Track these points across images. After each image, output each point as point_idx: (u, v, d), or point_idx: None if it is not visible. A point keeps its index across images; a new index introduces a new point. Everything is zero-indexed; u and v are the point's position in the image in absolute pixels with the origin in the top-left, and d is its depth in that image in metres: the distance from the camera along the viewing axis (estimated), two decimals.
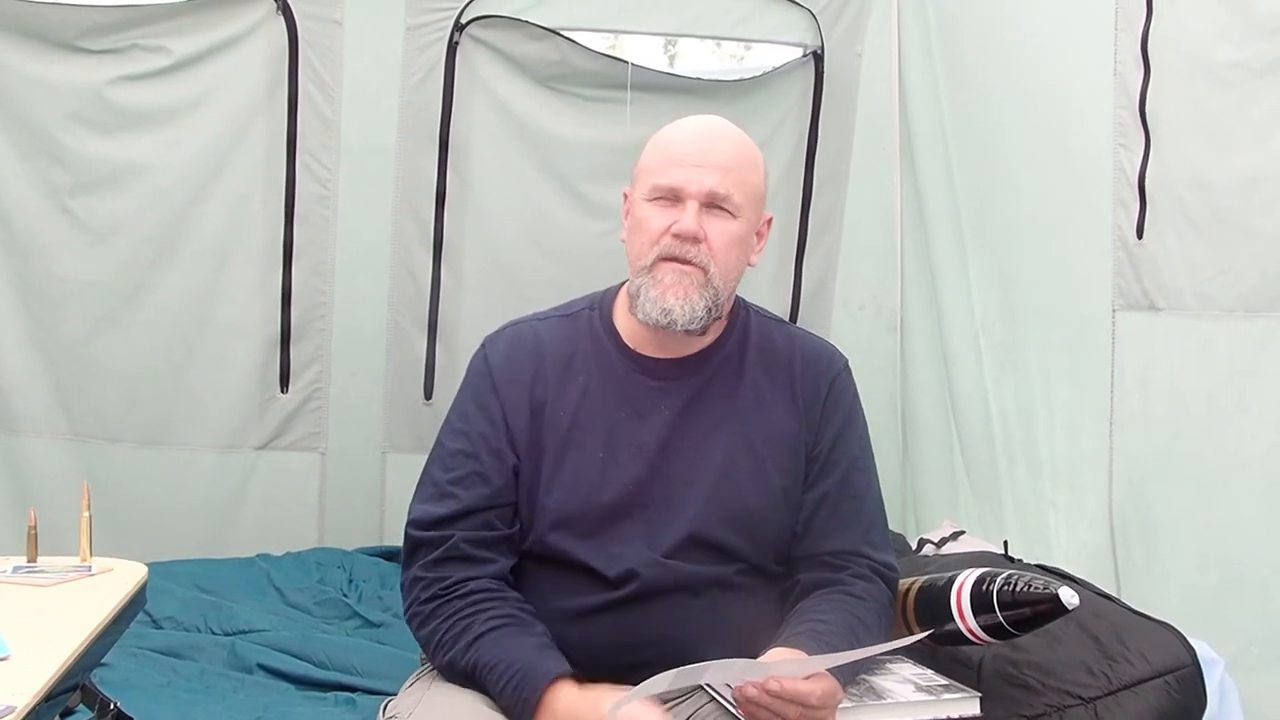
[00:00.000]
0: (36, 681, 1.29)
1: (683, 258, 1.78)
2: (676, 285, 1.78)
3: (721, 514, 1.83)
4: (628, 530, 1.81)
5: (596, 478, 1.82)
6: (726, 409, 1.87)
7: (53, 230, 2.92)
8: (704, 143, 1.82)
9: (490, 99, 3.13)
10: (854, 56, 3.37)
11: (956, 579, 1.92)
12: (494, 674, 1.69)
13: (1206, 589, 2.46)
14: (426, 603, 1.79)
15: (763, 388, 1.89)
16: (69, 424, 3.02)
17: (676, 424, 1.85)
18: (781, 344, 1.94)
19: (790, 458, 1.88)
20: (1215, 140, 2.43)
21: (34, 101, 2.85)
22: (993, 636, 1.88)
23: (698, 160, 1.79)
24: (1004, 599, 1.84)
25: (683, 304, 1.78)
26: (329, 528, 3.21)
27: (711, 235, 1.79)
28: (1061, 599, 1.79)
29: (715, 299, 1.80)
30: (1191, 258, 2.49)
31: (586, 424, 1.85)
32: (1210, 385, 2.48)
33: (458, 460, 1.86)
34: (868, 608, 1.81)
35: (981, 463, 3.12)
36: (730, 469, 1.85)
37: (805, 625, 1.75)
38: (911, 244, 3.42)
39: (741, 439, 1.86)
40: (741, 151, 1.85)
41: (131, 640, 2.33)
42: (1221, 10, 2.38)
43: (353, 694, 2.33)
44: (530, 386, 1.87)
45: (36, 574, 1.73)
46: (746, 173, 1.84)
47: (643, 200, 1.82)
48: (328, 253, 3.11)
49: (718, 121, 1.89)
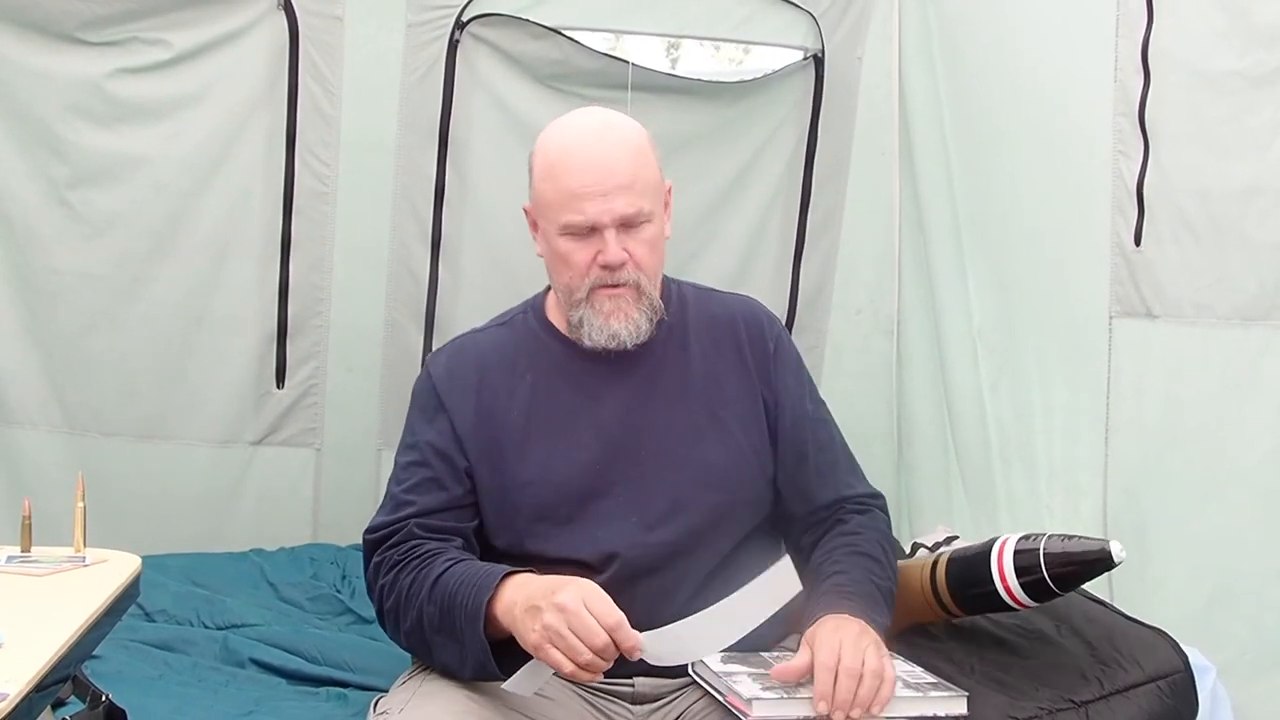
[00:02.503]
0: (29, 670, 1.29)
1: (614, 283, 1.85)
2: (616, 311, 1.86)
3: (696, 478, 1.88)
4: (607, 509, 1.85)
5: (564, 463, 1.86)
6: (678, 380, 1.93)
7: (50, 223, 2.91)
8: (600, 169, 1.82)
9: (490, 97, 3.13)
10: (854, 60, 3.37)
11: (996, 541, 2.01)
12: (458, 598, 1.69)
13: (1200, 597, 2.46)
14: (388, 573, 1.80)
15: (710, 354, 1.95)
16: (64, 417, 3.01)
17: (632, 403, 1.90)
18: (719, 311, 2.02)
19: (752, 417, 1.94)
20: (1214, 149, 2.44)
21: (33, 93, 2.83)
22: (1032, 596, 1.96)
23: (600, 188, 1.82)
24: (1052, 553, 1.94)
25: (626, 325, 1.86)
26: (323, 523, 3.20)
27: (634, 250, 1.85)
28: (1111, 551, 1.90)
29: (651, 305, 1.88)
30: (1189, 266, 2.49)
31: (543, 416, 1.89)
32: (1206, 393, 2.49)
33: (409, 471, 1.90)
34: (866, 539, 1.91)
35: (977, 467, 3.13)
36: (695, 434, 1.90)
37: (827, 583, 1.82)
38: (910, 248, 3.42)
39: (701, 405, 1.92)
40: (633, 153, 1.86)
41: (124, 633, 2.33)
42: (1221, 19, 2.39)
43: (345, 689, 2.33)
44: (476, 394, 1.91)
45: (30, 564, 1.73)
46: (644, 172, 1.86)
47: (557, 236, 1.86)
48: (326, 248, 3.10)
49: (599, 129, 1.89)
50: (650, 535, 1.84)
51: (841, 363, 3.50)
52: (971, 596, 2.05)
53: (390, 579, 1.80)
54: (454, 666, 1.75)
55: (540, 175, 1.90)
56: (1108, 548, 1.92)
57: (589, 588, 1.63)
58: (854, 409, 2.11)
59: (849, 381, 3.45)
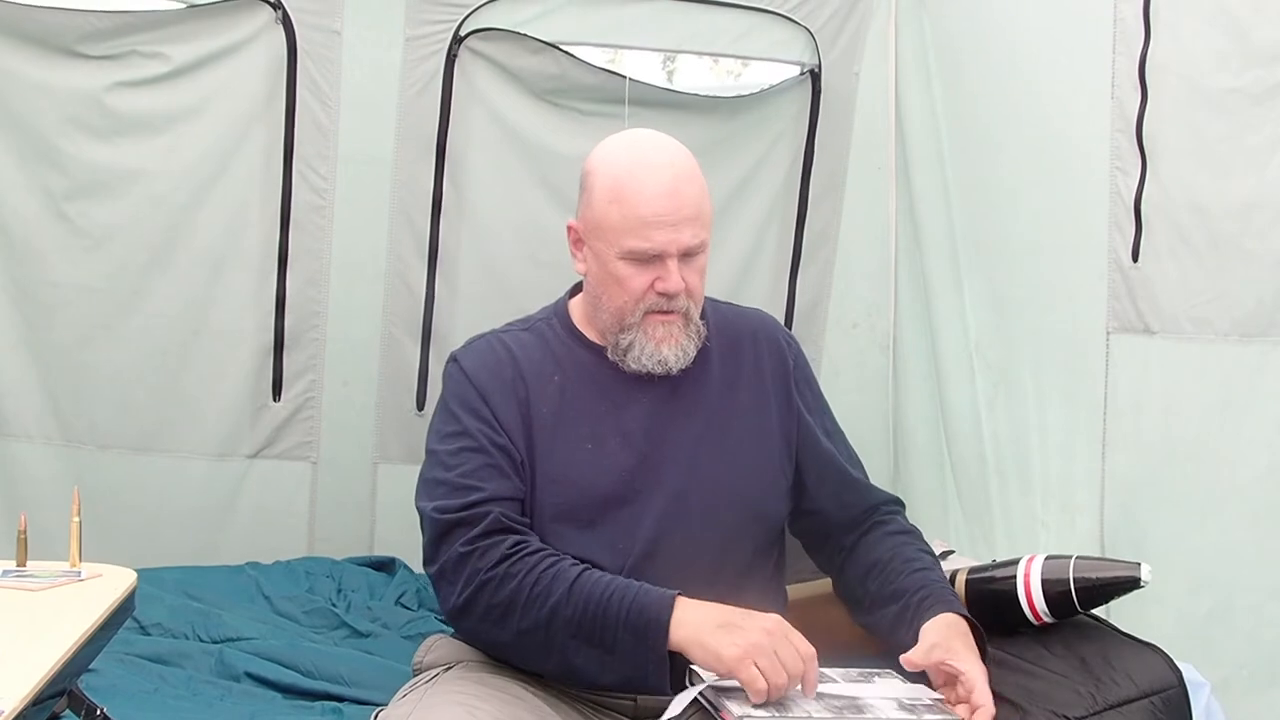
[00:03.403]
0: (25, 684, 1.29)
1: (668, 309, 1.86)
2: (668, 337, 1.87)
3: (716, 490, 1.89)
4: (627, 516, 1.86)
5: (590, 467, 1.87)
6: (700, 393, 1.94)
7: (48, 235, 2.92)
8: (673, 199, 1.83)
9: (488, 111, 3.14)
10: (851, 76, 3.39)
11: (1020, 561, 2.11)
12: (613, 608, 1.71)
13: (1198, 613, 2.46)
14: (497, 565, 1.75)
15: (730, 367, 1.98)
16: (60, 429, 3.01)
17: (657, 412, 1.91)
18: (738, 324, 2.05)
19: (768, 431, 1.97)
20: (1212, 165, 2.44)
21: (32, 106, 2.85)
22: (1055, 613, 2.07)
23: (672, 219, 1.82)
24: (1083, 573, 2.04)
25: (676, 352, 1.88)
26: (319, 537, 3.21)
27: (689, 280, 1.86)
28: (1140, 574, 2.00)
29: (697, 331, 1.91)
30: (1187, 282, 2.50)
31: (570, 418, 1.89)
32: (1204, 409, 2.49)
33: (462, 457, 1.85)
34: (917, 536, 2.03)
35: (972, 482, 3.13)
36: (716, 447, 1.92)
37: (918, 575, 1.91)
38: (906, 264, 3.43)
39: (721, 418, 1.94)
40: (699, 185, 1.88)
41: (119, 647, 2.33)
42: (1220, 37, 2.40)
43: (340, 704, 2.33)
44: (512, 386, 1.90)
45: (26, 578, 1.73)
46: (705, 204, 1.88)
47: (615, 259, 1.86)
48: (323, 261, 3.11)
49: (671, 159, 1.88)
50: (666, 545, 1.85)
51: (837, 377, 3.50)
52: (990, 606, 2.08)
53: (501, 572, 1.75)
54: (590, 672, 1.75)
55: (605, 197, 1.87)
56: (1138, 571, 1.99)
57: (785, 620, 1.71)
58: (849, 424, 2.12)
59: (844, 396, 3.44)
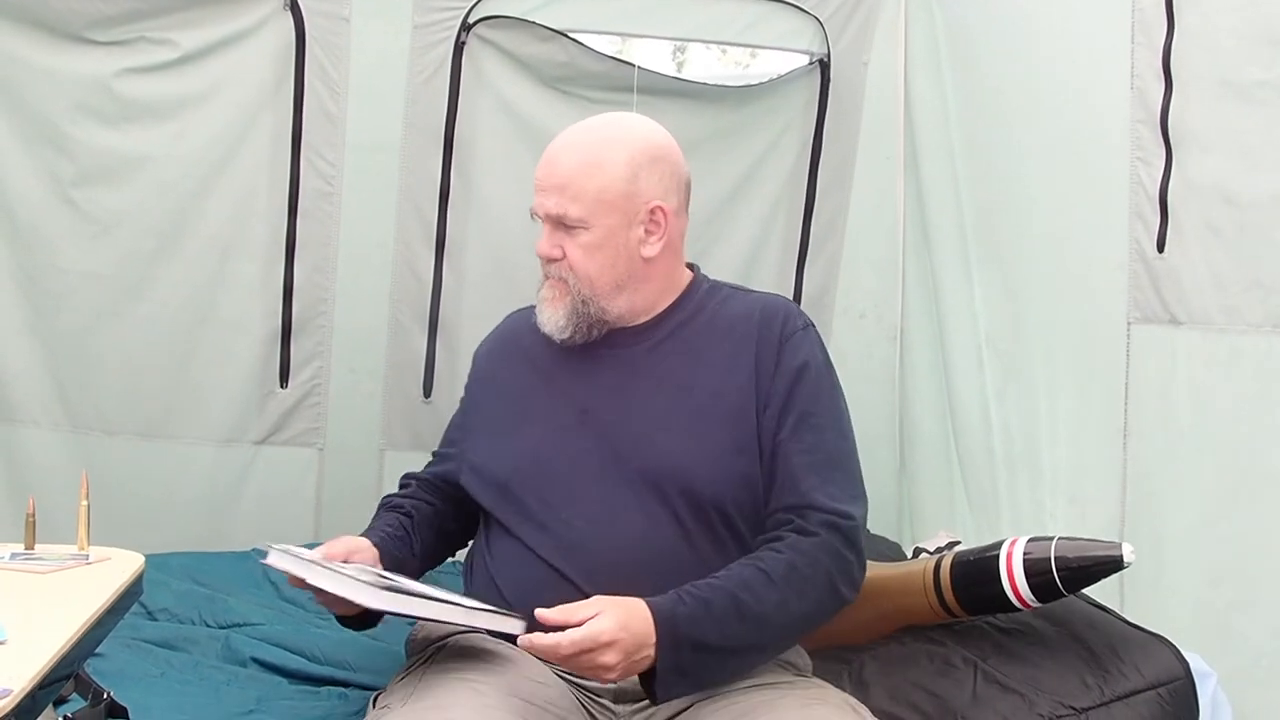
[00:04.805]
0: (33, 666, 1.29)
1: (547, 274, 1.96)
2: (544, 301, 1.97)
3: (673, 473, 1.88)
4: (579, 492, 1.89)
5: (548, 447, 1.94)
6: (667, 373, 1.95)
7: (56, 222, 2.92)
8: (547, 165, 1.94)
9: (496, 99, 3.14)
10: (860, 65, 3.38)
11: (1004, 542, 2.09)
12: None
13: (1218, 603, 2.45)
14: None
15: (717, 354, 1.95)
16: (68, 416, 3.02)
17: (621, 386, 1.95)
18: (739, 309, 2.01)
19: (742, 416, 1.92)
20: (1242, 157, 2.41)
21: (40, 92, 2.85)
22: (1039, 596, 2.05)
23: (543, 183, 1.93)
24: (1064, 554, 2.02)
25: (548, 315, 1.96)
26: (326, 524, 3.20)
27: (568, 250, 1.93)
28: (1122, 554, 2.00)
29: (575, 306, 1.94)
30: (1217, 272, 2.46)
31: (526, 395, 2.01)
32: (1234, 399, 2.46)
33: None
34: (780, 559, 1.79)
35: (979, 474, 3.12)
36: (675, 427, 1.91)
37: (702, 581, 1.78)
38: (914, 254, 3.43)
39: (686, 400, 1.93)
40: (581, 163, 1.92)
41: (126, 631, 2.33)
42: (1246, 29, 2.37)
43: (346, 688, 2.33)
44: (491, 364, 2.11)
45: (34, 561, 1.73)
46: (585, 182, 1.90)
47: None
48: (330, 249, 3.11)
49: (584, 129, 1.97)
50: (618, 528, 1.86)
51: (844, 368, 3.44)
52: (975, 595, 2.07)
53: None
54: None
55: None
56: (1119, 551, 1.98)
57: None
58: (856, 414, 2.09)
59: (851, 387, 3.40)
